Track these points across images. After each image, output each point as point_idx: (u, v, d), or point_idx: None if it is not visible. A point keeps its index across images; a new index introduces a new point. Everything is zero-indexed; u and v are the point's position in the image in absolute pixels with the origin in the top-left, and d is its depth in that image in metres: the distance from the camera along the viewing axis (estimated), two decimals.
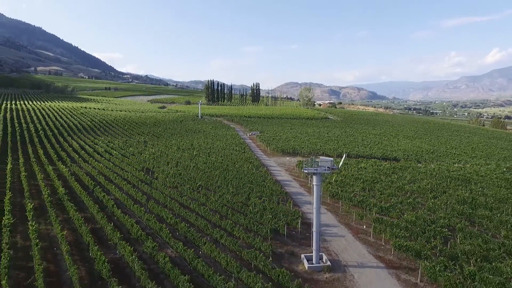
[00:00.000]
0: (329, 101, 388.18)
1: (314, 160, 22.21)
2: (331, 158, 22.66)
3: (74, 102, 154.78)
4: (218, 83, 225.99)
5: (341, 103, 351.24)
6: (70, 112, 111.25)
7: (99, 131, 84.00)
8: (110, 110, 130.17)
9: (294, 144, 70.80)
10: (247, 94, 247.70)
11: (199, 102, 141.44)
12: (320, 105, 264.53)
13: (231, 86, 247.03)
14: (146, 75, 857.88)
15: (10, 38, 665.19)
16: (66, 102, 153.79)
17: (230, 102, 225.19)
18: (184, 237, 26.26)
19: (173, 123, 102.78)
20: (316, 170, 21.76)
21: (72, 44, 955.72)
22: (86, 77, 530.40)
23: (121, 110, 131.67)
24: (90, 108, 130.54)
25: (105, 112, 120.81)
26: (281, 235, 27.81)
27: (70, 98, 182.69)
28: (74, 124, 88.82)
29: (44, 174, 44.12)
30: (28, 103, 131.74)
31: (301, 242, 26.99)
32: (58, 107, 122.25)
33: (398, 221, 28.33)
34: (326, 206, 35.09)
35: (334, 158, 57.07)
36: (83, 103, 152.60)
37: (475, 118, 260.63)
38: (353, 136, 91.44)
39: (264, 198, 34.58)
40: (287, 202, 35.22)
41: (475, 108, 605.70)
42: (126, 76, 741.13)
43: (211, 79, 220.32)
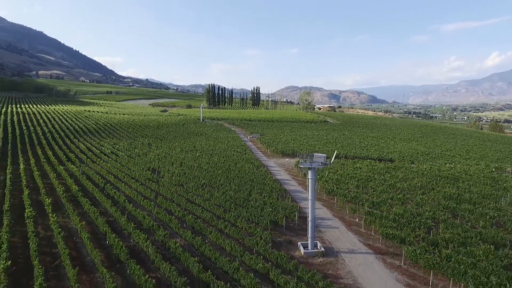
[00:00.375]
0: (328, 105, 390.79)
1: (309, 156, 24.82)
2: (325, 155, 25.25)
3: (78, 106, 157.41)
4: (219, 87, 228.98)
5: (340, 107, 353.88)
6: (74, 115, 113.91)
7: (104, 134, 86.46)
8: (113, 113, 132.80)
9: (293, 146, 73.35)
10: (248, 98, 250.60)
11: (201, 105, 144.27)
12: (319, 108, 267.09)
13: (232, 90, 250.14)
14: (146, 79, 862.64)
15: (12, 42, 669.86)
16: (70, 105, 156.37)
17: (231, 105, 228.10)
18: (191, 227, 28.82)
19: (175, 126, 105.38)
20: (311, 165, 24.39)
21: (73, 48, 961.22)
22: (87, 81, 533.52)
23: (124, 114, 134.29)
24: (93, 111, 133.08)
25: (108, 115, 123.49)
26: (280, 227, 30.37)
27: (73, 102, 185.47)
28: (79, 127, 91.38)
29: (55, 174, 46.57)
30: (32, 107, 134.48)
31: (298, 233, 29.54)
32: (63, 111, 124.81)
33: (387, 214, 30.89)
34: (322, 202, 37.66)
35: (331, 158, 59.69)
36: (86, 107, 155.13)
37: (473, 121, 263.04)
38: (351, 138, 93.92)
39: (264, 194, 37.19)
40: (286, 198, 37.77)
41: (475, 112, 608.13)
42: (126, 80, 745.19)
43: (212, 83, 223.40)
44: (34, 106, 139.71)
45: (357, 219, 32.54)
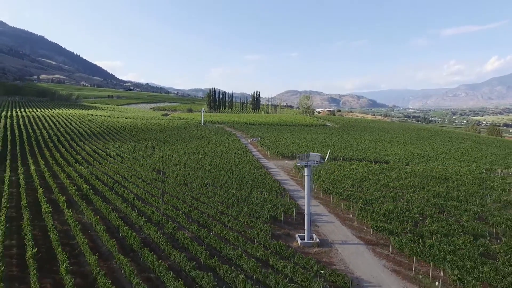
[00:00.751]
0: (328, 109, 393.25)
1: (306, 155, 27.24)
2: (320, 154, 27.65)
3: (80, 110, 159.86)
4: (219, 91, 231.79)
5: (340, 111, 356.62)
6: (78, 119, 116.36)
7: (108, 137, 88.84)
8: (116, 117, 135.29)
9: (292, 148, 75.73)
10: (248, 102, 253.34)
11: (202, 109, 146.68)
12: (319, 112, 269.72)
13: (232, 94, 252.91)
14: (147, 83, 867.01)
15: (13, 46, 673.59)
16: (73, 109, 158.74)
17: (231, 109, 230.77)
18: (197, 221, 31.16)
19: (177, 130, 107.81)
20: (307, 163, 26.80)
21: (74, 52, 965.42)
22: (88, 85, 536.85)
23: (126, 117, 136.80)
24: (96, 115, 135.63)
25: (111, 119, 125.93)
26: (279, 221, 32.70)
27: (76, 106, 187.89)
28: (84, 130, 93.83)
29: (65, 174, 48.93)
30: (36, 111, 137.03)
31: (296, 227, 31.88)
32: (67, 115, 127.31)
33: (378, 209, 33.23)
34: (319, 200, 40.02)
35: (329, 160, 62.18)
36: (89, 111, 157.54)
37: (471, 125, 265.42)
38: (349, 141, 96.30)
39: (264, 193, 39.60)
40: (285, 196, 40.18)
41: (474, 116, 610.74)
42: (127, 84, 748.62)
43: (213, 88, 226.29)
44: (38, 110, 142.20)
45: (351, 215, 34.88)
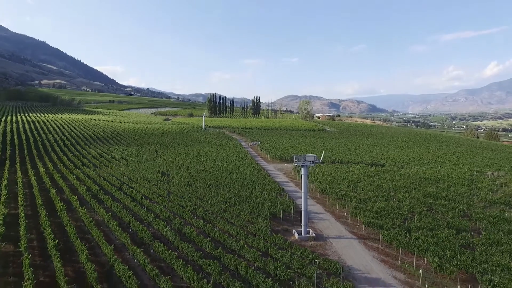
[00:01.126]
0: (327, 113, 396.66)
1: (302, 156, 29.64)
2: (315, 155, 30.05)
3: (83, 115, 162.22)
4: (220, 96, 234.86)
5: (339, 116, 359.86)
6: (82, 123, 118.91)
7: (112, 141, 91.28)
8: (118, 122, 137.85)
9: (291, 152, 78.03)
10: (248, 107, 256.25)
11: (203, 114, 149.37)
12: (318, 117, 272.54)
13: (233, 99, 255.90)
14: (147, 88, 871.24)
15: (15, 52, 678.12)
16: (75, 114, 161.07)
17: (232, 114, 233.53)
18: (202, 218, 33.47)
19: (179, 134, 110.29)
20: (303, 163, 29.20)
21: (74, 57, 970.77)
22: (89, 90, 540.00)
23: (128, 122, 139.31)
24: (99, 120, 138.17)
25: (114, 123, 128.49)
26: (278, 218, 35.03)
27: (78, 111, 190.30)
28: (88, 134, 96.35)
29: (74, 176, 51.30)
30: (40, 115, 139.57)
31: (294, 224, 34.20)
32: (70, 119, 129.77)
33: (371, 207, 35.57)
34: (316, 200, 42.39)
35: (325, 161, 64.60)
36: (92, 115, 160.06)
37: (470, 130, 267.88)
38: (347, 146, 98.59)
39: (264, 193, 41.95)
40: (284, 196, 42.57)
41: (474, 120, 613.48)
42: (128, 89, 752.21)
43: (213, 93, 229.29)
44: (42, 114, 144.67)
45: (345, 213, 37.20)
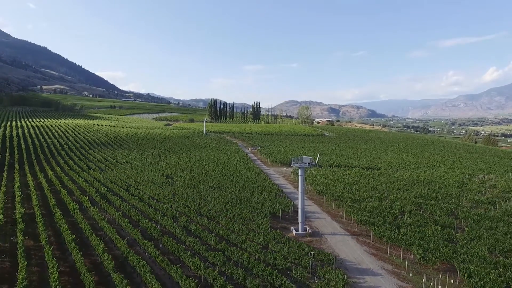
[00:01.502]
0: (327, 119, 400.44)
1: (299, 158, 32.04)
2: (311, 157, 32.45)
3: (86, 120, 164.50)
4: (220, 102, 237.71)
5: (338, 121, 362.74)
6: (85, 129, 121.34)
7: (116, 146, 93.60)
8: (120, 127, 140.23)
9: (291, 156, 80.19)
10: (248, 112, 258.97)
11: (205, 119, 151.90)
12: (318, 122, 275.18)
13: (233, 104, 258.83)
14: (148, 94, 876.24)
15: (17, 58, 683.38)
16: (78, 119, 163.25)
17: (232, 119, 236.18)
18: (206, 216, 35.77)
19: (181, 139, 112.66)
20: (300, 165, 31.59)
21: (75, 63, 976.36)
22: (90, 95, 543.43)
23: (130, 127, 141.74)
24: (102, 125, 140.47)
25: (117, 129, 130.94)
26: (277, 217, 37.33)
27: (80, 116, 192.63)
28: (92, 139, 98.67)
29: (82, 179, 53.59)
30: (44, 121, 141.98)
31: (292, 222, 36.49)
32: (74, 124, 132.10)
33: (364, 207, 37.89)
34: (313, 201, 44.69)
35: (325, 167, 66.96)
36: (94, 121, 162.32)
37: (468, 135, 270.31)
38: (345, 150, 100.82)
39: (264, 194, 44.29)
40: (283, 197, 44.86)
41: (473, 126, 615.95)
42: (128, 94, 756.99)
43: (214, 98, 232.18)
44: (45, 120, 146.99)
45: (340, 212, 39.49)
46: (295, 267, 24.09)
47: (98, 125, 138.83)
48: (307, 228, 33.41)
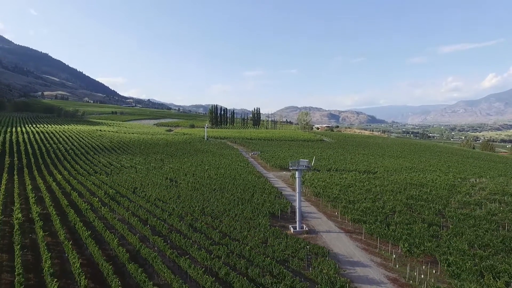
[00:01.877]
0: (326, 125, 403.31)
1: (297, 162, 34.63)
2: (307, 160, 35.04)
3: (88, 126, 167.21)
4: (221, 108, 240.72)
5: (338, 127, 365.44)
6: (89, 134, 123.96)
7: (119, 151, 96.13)
8: (123, 132, 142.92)
9: (290, 161, 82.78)
10: (248, 118, 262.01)
11: (206, 125, 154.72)
12: (317, 128, 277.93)
13: (233, 110, 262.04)
14: (148, 99, 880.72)
15: (18, 64, 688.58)
16: (81, 125, 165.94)
17: (233, 125, 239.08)
18: (210, 216, 38.27)
19: (183, 144, 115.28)
20: (297, 167, 34.17)
21: (76, 69, 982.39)
22: (91, 101, 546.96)
23: (133, 133, 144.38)
24: (105, 130, 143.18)
25: (119, 134, 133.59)
26: (276, 217, 39.82)
27: (83, 122, 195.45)
28: (96, 144, 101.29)
29: (90, 182, 56.12)
30: (48, 126, 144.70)
31: (290, 221, 38.96)
32: (77, 130, 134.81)
33: (358, 207, 40.40)
34: (310, 202, 47.24)
35: (323, 171, 69.46)
36: (96, 126, 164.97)
37: (466, 141, 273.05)
38: (343, 155, 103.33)
39: (264, 196, 46.83)
40: (282, 198, 47.42)
41: (473, 131, 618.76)
42: (129, 100, 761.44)
43: (214, 104, 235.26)
44: (49, 125, 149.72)
45: (336, 213, 41.99)
46: (292, 259, 26.56)
47: (101, 130, 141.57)
48: (304, 226, 35.89)
